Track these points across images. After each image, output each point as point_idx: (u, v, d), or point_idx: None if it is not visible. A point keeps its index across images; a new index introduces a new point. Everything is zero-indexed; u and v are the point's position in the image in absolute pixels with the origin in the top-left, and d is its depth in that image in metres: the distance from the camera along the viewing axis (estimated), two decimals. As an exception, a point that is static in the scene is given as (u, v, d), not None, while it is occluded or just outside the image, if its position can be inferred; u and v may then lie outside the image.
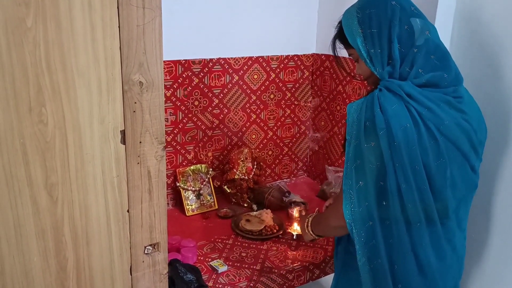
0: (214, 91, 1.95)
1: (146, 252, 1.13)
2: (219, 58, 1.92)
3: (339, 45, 1.23)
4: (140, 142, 1.05)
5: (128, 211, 1.07)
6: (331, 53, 1.27)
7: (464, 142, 1.07)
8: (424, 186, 1.03)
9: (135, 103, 1.01)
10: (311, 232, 1.38)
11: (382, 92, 1.05)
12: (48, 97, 0.89)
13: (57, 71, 0.89)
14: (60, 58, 0.89)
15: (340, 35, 1.20)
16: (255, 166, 2.02)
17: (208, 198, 1.95)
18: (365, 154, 1.06)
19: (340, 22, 1.19)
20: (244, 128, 2.09)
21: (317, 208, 1.51)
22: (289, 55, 2.10)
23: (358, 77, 1.91)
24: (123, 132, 1.02)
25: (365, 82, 1.25)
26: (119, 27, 0.94)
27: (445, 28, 1.52)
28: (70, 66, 0.90)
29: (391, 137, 1.01)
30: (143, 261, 1.13)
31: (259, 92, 2.07)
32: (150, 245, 1.14)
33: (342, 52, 1.27)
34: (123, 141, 1.02)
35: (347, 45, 1.19)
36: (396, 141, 1.01)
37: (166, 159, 1.89)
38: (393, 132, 1.00)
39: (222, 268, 1.50)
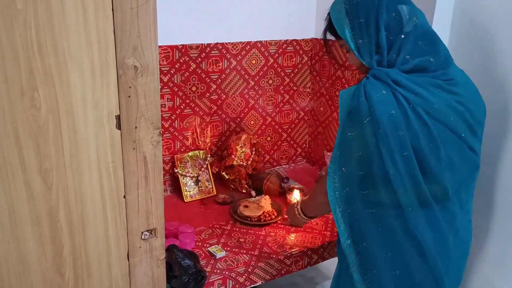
0: (212, 77, 1.93)
1: (143, 238, 1.13)
2: (217, 43, 1.90)
3: (330, 36, 1.24)
4: (136, 128, 1.04)
5: (124, 197, 1.07)
6: (324, 45, 1.28)
7: (458, 124, 1.07)
8: (415, 172, 1.04)
9: (130, 87, 1.00)
10: (302, 216, 1.47)
11: (368, 80, 1.06)
12: (40, 81, 0.88)
13: (48, 54, 0.87)
14: (51, 41, 0.87)
15: (330, 27, 1.20)
16: (254, 152, 2.01)
17: (207, 184, 1.95)
18: (348, 143, 1.08)
19: (329, 14, 1.19)
20: (243, 114, 2.07)
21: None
22: (287, 40, 2.07)
23: (349, 68, 1.90)
24: (118, 117, 1.01)
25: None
26: (112, 9, 0.92)
27: (444, 25, 1.51)
28: (62, 49, 0.89)
29: (376, 125, 1.01)
30: (140, 247, 1.13)
31: (258, 78, 2.05)
32: (147, 230, 1.13)
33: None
34: (118, 126, 1.01)
35: (337, 36, 1.19)
36: (382, 128, 1.01)
37: (164, 145, 1.89)
38: (378, 119, 1.01)
39: (220, 254, 1.50)
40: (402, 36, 1.06)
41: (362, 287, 1.16)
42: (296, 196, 1.82)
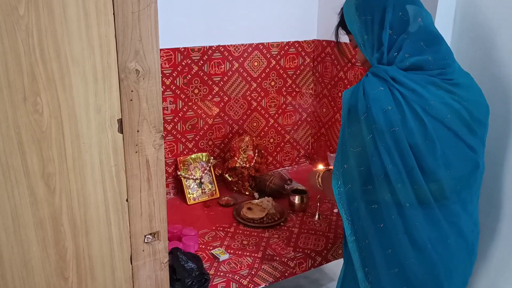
0: (214, 79, 1.93)
1: (146, 241, 1.13)
2: (219, 46, 1.90)
3: (341, 31, 1.26)
4: (138, 131, 1.04)
5: (127, 200, 1.07)
6: (333, 39, 1.29)
7: (454, 121, 1.07)
8: (413, 167, 1.04)
9: (132, 91, 1.00)
10: (319, 183, 1.43)
11: (367, 78, 1.08)
12: (42, 86, 0.88)
13: (51, 60, 0.88)
14: (53, 46, 0.87)
15: (342, 22, 1.23)
16: (256, 154, 2.01)
17: (210, 186, 1.95)
18: (348, 139, 1.10)
19: (342, 9, 1.22)
20: (245, 116, 2.07)
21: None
22: (289, 42, 2.08)
23: (358, 64, 1.90)
24: (120, 121, 1.01)
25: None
26: (113, 14, 0.93)
27: (445, 25, 1.51)
28: (64, 54, 0.89)
29: (371, 120, 1.03)
30: (143, 250, 1.14)
31: (260, 80, 2.05)
32: (150, 234, 1.14)
33: (344, 38, 1.28)
34: (121, 130, 1.02)
35: (347, 31, 1.22)
36: (377, 124, 1.03)
37: (167, 148, 1.89)
38: (373, 115, 1.03)
39: (224, 256, 1.50)
40: (405, 36, 1.08)
41: (365, 286, 1.17)
42: (320, 168, 1.75)
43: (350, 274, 1.25)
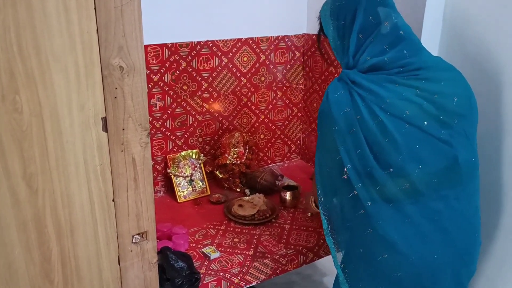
0: (203, 75, 1.90)
1: (134, 241, 1.11)
2: (207, 41, 1.87)
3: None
4: (123, 129, 1.01)
5: (113, 200, 1.05)
6: (317, 44, 1.35)
7: (415, 116, 1.06)
8: (372, 166, 1.06)
9: (116, 88, 0.98)
10: (314, 207, 1.52)
11: (332, 83, 1.13)
12: (22, 83, 0.85)
13: (30, 56, 0.85)
14: (32, 42, 0.84)
15: (321, 27, 1.26)
16: (247, 150, 1.99)
17: (200, 184, 1.93)
18: (318, 141, 1.17)
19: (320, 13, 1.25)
20: (235, 112, 2.05)
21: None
22: (279, 36, 2.05)
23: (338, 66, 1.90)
24: (104, 119, 0.98)
25: None
26: (95, 8, 0.90)
27: (435, 20, 1.50)
28: (44, 51, 0.86)
29: (332, 123, 1.08)
30: (131, 250, 1.11)
31: (250, 75, 2.03)
32: (138, 234, 1.11)
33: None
34: (105, 128, 0.99)
35: (326, 36, 1.24)
36: (337, 126, 1.07)
37: (156, 146, 1.87)
38: (334, 117, 1.08)
39: (214, 255, 1.48)
40: (371, 39, 1.11)
41: (343, 281, 1.18)
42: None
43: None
